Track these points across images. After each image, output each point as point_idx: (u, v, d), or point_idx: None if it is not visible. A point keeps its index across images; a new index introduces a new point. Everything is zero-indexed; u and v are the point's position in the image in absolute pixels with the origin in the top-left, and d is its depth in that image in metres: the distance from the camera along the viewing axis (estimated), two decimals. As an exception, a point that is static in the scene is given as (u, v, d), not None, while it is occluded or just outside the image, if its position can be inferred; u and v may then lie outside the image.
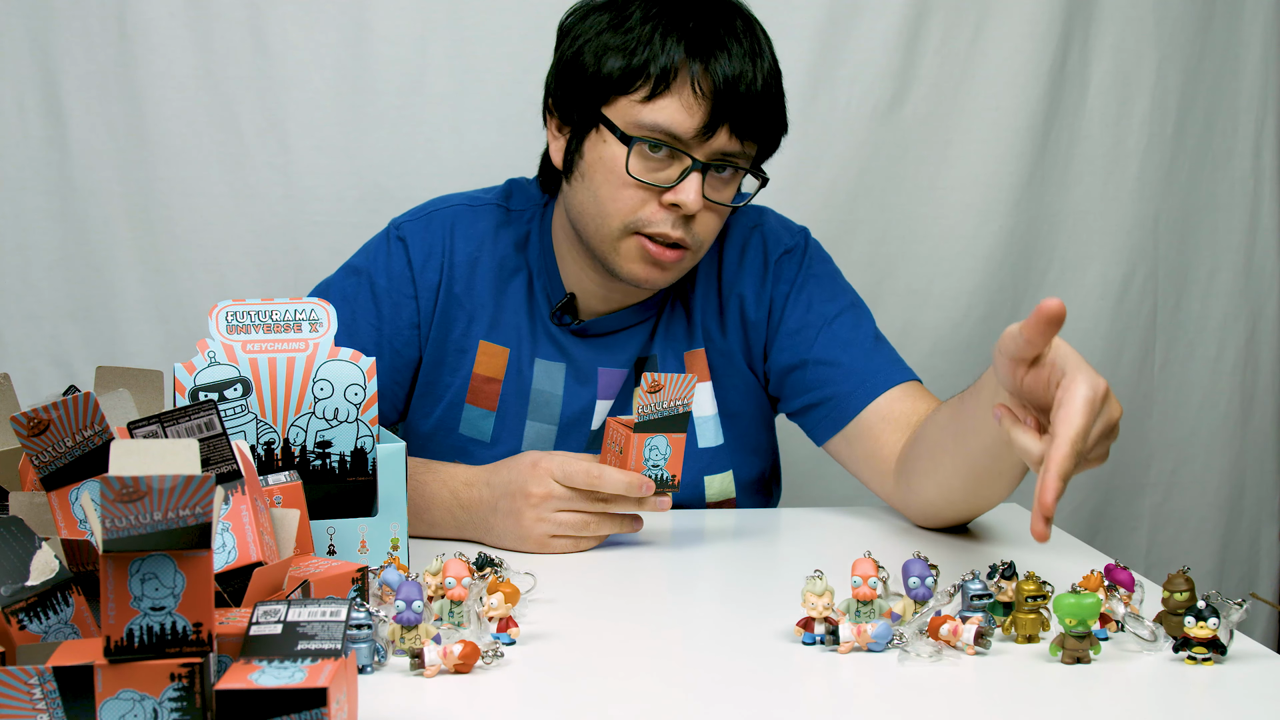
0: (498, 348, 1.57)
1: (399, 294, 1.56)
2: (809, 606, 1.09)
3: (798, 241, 1.62)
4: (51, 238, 2.00)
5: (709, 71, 1.39)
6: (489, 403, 1.57)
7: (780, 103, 1.47)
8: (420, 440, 1.61)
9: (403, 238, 1.57)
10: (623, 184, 1.43)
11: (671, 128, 1.40)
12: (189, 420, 1.11)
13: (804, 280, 1.59)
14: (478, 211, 1.59)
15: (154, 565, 0.85)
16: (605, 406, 1.58)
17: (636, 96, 1.40)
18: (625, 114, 1.41)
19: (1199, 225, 2.23)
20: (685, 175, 1.41)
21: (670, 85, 1.39)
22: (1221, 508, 2.29)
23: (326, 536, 1.27)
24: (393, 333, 1.56)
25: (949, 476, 1.38)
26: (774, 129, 1.47)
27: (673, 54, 1.39)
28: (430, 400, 1.59)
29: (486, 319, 1.57)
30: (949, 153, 2.13)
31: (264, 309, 1.29)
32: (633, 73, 1.40)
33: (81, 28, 1.97)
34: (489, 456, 1.55)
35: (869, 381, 1.53)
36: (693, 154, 1.41)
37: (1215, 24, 2.19)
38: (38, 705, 0.86)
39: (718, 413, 1.61)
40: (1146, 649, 1.08)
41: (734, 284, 1.59)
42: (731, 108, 1.40)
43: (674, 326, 1.60)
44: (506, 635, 1.11)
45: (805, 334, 1.57)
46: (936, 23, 2.11)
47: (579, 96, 1.45)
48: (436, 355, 1.57)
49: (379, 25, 2.02)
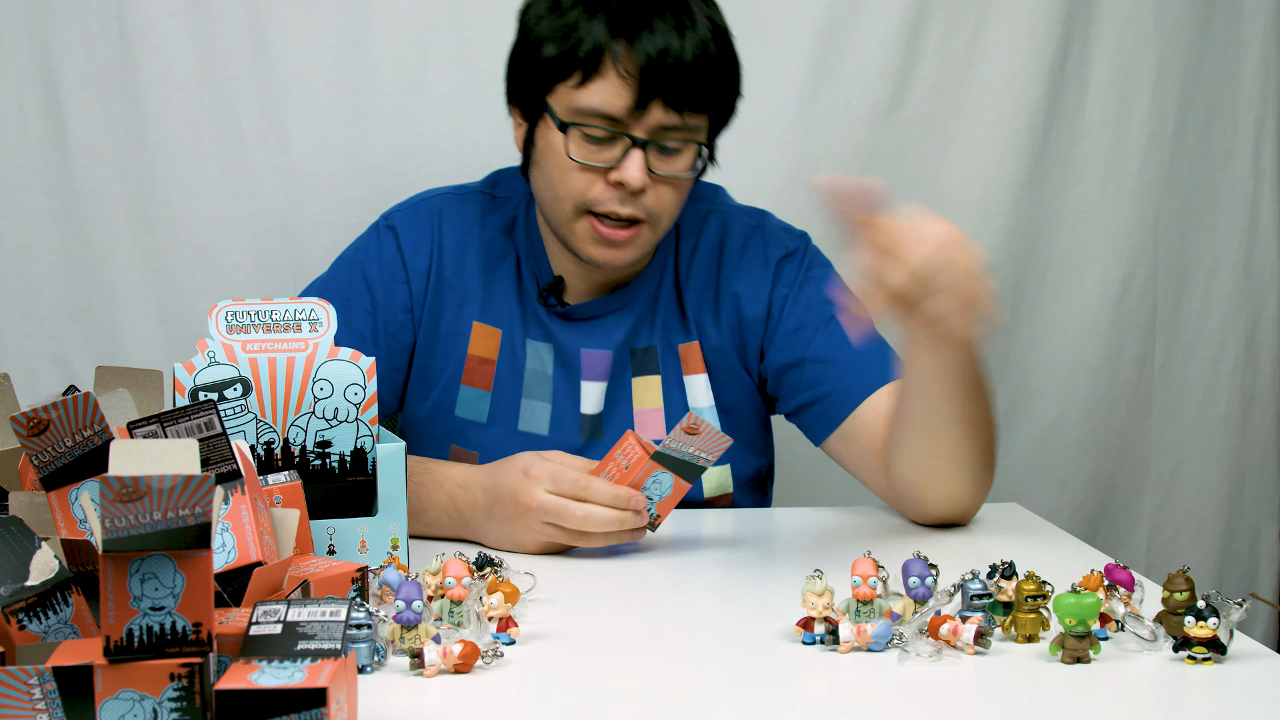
0: (491, 329, 1.60)
1: (391, 279, 1.59)
2: (809, 606, 1.09)
3: (798, 245, 1.63)
4: (51, 238, 2.00)
5: (633, 50, 1.42)
6: (484, 383, 1.60)
7: (721, 69, 1.48)
8: (417, 426, 1.62)
9: (392, 226, 1.62)
10: (569, 169, 1.47)
11: (604, 109, 1.44)
12: (189, 420, 1.11)
13: (803, 281, 1.60)
14: (464, 199, 1.64)
15: (154, 565, 0.85)
16: (592, 388, 1.59)
17: (571, 83, 1.45)
18: (564, 101, 1.46)
19: (1199, 225, 2.23)
20: (626, 154, 1.45)
21: (599, 68, 1.43)
22: (1221, 508, 2.29)
23: (326, 536, 1.27)
24: (387, 317, 1.59)
25: (915, 449, 1.42)
26: (716, 97, 1.49)
27: (596, 35, 1.43)
28: (425, 384, 1.61)
29: (478, 301, 1.60)
30: (949, 153, 2.13)
31: (264, 309, 1.29)
32: (564, 58, 1.45)
33: (81, 28, 1.97)
34: (485, 437, 1.58)
35: (864, 378, 1.53)
36: (630, 132, 1.44)
37: (1215, 24, 2.19)
38: (37, 705, 0.86)
39: (714, 405, 1.61)
40: (1146, 649, 1.08)
41: (731, 281, 1.60)
42: (660, 83, 1.42)
43: (669, 318, 1.61)
44: (506, 635, 1.11)
45: (803, 333, 1.57)
46: (936, 23, 2.10)
47: (528, 86, 1.50)
48: (430, 339, 1.60)
49: (379, 25, 2.02)
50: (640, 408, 1.60)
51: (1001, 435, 2.17)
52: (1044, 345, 2.20)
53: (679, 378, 1.61)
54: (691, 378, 1.61)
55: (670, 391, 1.61)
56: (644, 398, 1.60)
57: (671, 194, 1.50)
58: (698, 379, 1.61)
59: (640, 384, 1.60)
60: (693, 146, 1.49)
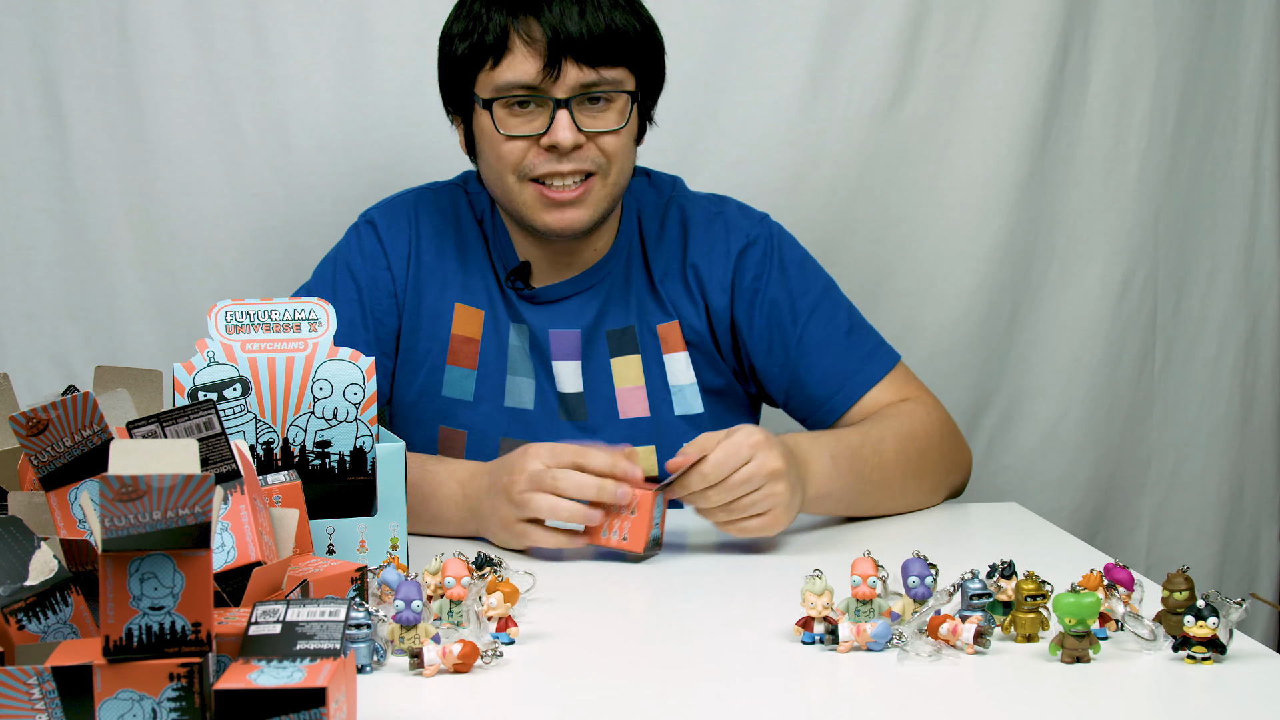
0: (473, 309, 1.64)
1: (374, 267, 1.65)
2: (808, 606, 1.09)
3: (759, 232, 1.65)
4: (51, 238, 2.00)
5: (537, 20, 1.48)
6: (470, 362, 1.64)
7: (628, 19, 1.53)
8: (405, 411, 1.66)
9: (370, 220, 1.69)
10: (502, 142, 1.53)
11: (520, 80, 1.50)
12: (188, 420, 1.11)
13: (769, 277, 1.63)
14: (438, 193, 1.71)
15: (153, 565, 0.85)
16: (565, 367, 1.63)
17: (488, 68, 1.52)
18: (485, 85, 1.53)
19: (1199, 225, 2.23)
20: (554, 117, 1.50)
21: (507, 46, 1.50)
22: (1221, 508, 2.28)
23: (326, 536, 1.27)
24: (373, 302, 1.64)
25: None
26: (627, 48, 1.53)
27: (499, 20, 1.50)
28: (412, 367, 1.65)
29: (458, 284, 1.65)
30: (949, 153, 2.13)
31: (263, 309, 1.29)
32: (476, 49, 1.52)
33: (81, 28, 1.97)
34: (472, 416, 1.63)
35: (846, 386, 1.60)
36: (551, 95, 1.50)
37: (1215, 24, 2.19)
38: (36, 705, 0.86)
39: (696, 382, 1.65)
40: (1146, 648, 1.08)
41: (699, 265, 1.63)
42: (568, 45, 1.48)
43: (643, 299, 1.65)
44: (506, 635, 1.11)
45: (778, 337, 1.62)
46: (936, 23, 2.10)
47: (454, 86, 1.58)
48: (414, 321, 1.65)
49: (379, 25, 2.02)
50: (621, 386, 1.63)
51: (1001, 435, 2.19)
52: (1044, 345, 2.19)
53: (659, 356, 1.64)
54: (671, 355, 1.64)
55: (651, 370, 1.64)
56: (625, 376, 1.64)
57: (613, 142, 1.54)
58: (678, 357, 1.64)
59: (620, 364, 1.64)
60: (621, 97, 1.53)
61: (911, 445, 1.53)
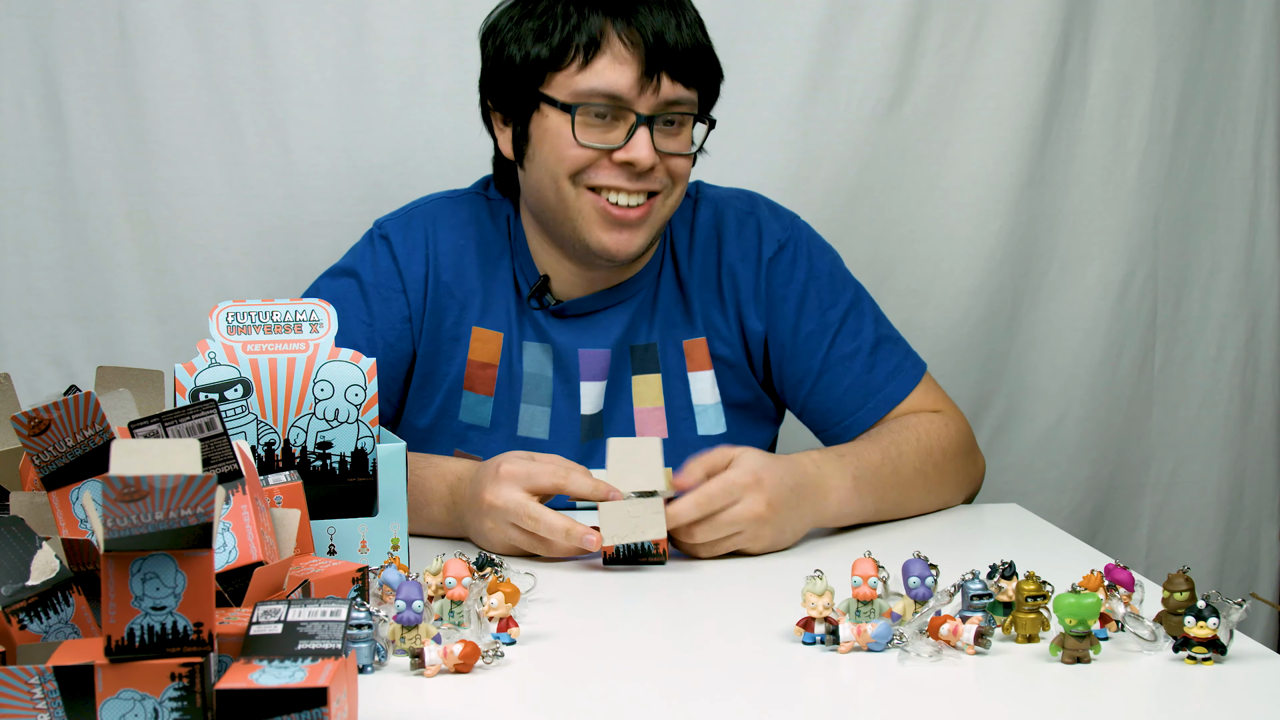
0: (491, 333, 1.59)
1: (387, 289, 1.58)
2: (809, 606, 1.09)
3: (789, 235, 1.62)
4: (51, 238, 2.00)
5: (634, 26, 1.44)
6: (486, 388, 1.59)
7: (710, 49, 1.51)
8: (419, 434, 1.61)
9: (385, 235, 1.60)
10: (569, 146, 1.47)
11: (610, 88, 1.44)
12: (190, 420, 1.11)
13: (799, 286, 1.60)
14: (458, 202, 1.63)
15: (155, 565, 0.85)
16: (591, 388, 1.59)
17: (571, 69, 1.45)
18: (564, 87, 1.46)
19: (1199, 225, 2.23)
20: (633, 132, 1.45)
21: (600, 48, 1.44)
22: (1221, 508, 2.29)
23: (327, 536, 1.27)
24: (384, 328, 1.57)
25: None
26: (710, 74, 1.51)
27: (593, 21, 1.44)
28: (429, 391, 1.60)
29: (477, 305, 1.59)
30: (949, 153, 2.13)
31: (264, 310, 1.29)
32: (561, 47, 1.45)
33: (81, 28, 1.97)
34: (488, 442, 1.58)
35: (870, 402, 1.58)
36: (636, 109, 1.45)
37: (1215, 24, 2.19)
38: (38, 705, 0.86)
39: (720, 401, 1.62)
40: (1146, 649, 1.08)
41: (735, 268, 1.60)
42: (665, 55, 1.44)
43: (671, 313, 1.61)
44: (506, 635, 1.11)
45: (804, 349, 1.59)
46: (936, 23, 2.10)
47: (514, 87, 1.50)
48: (431, 346, 1.59)
49: (379, 25, 2.02)
50: (640, 406, 1.60)
51: (1001, 435, 2.19)
52: (1044, 345, 2.20)
53: (683, 374, 1.61)
54: (696, 374, 1.61)
55: (672, 389, 1.61)
56: (644, 396, 1.60)
57: (683, 165, 1.51)
58: (703, 376, 1.61)
59: (640, 382, 1.60)
60: (689, 122, 1.51)
61: (929, 461, 1.52)
